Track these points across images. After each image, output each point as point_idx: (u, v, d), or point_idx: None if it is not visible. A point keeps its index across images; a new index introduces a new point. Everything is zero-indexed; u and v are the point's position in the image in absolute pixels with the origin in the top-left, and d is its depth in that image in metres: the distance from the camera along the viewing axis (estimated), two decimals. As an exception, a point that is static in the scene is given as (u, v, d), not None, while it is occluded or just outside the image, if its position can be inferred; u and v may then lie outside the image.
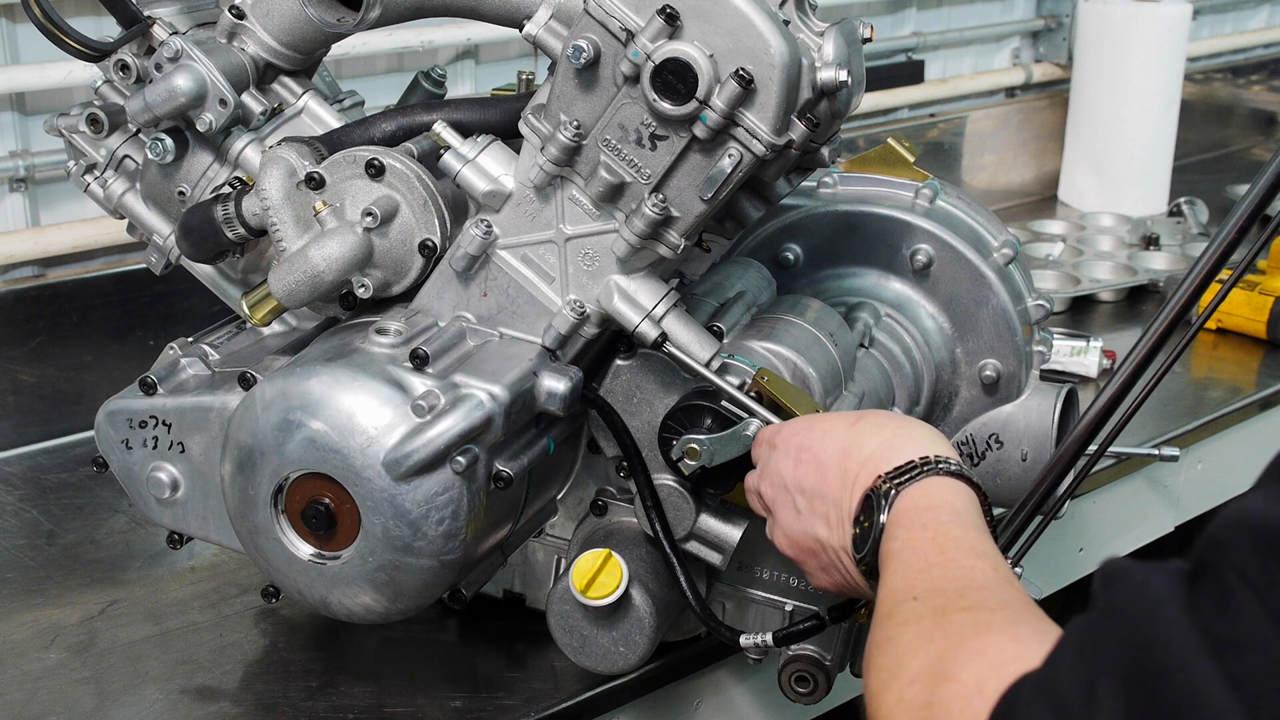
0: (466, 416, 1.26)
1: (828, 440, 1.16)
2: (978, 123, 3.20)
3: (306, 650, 1.52)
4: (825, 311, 1.51)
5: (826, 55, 1.29)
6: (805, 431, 1.19)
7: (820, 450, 1.16)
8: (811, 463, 1.16)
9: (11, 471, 1.94)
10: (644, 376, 1.38)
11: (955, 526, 1.00)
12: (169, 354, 1.48)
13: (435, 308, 1.37)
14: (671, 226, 1.28)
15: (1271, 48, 3.98)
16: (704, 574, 1.43)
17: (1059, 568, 2.06)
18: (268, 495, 1.32)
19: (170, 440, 1.43)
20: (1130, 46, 3.04)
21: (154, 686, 1.45)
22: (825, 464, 1.15)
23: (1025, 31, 3.40)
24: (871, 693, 0.88)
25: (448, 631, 1.56)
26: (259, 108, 1.45)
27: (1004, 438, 1.63)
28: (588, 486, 1.47)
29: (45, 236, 2.03)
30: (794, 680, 1.40)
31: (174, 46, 1.39)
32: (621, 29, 1.22)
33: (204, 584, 1.65)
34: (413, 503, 1.27)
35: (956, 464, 1.07)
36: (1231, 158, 3.76)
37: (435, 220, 1.35)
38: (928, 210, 1.66)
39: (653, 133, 1.24)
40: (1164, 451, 1.93)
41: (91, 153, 1.51)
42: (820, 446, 1.16)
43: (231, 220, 1.38)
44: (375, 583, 1.31)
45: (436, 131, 1.34)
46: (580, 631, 1.38)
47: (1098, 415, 1.24)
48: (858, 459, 1.12)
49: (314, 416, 1.28)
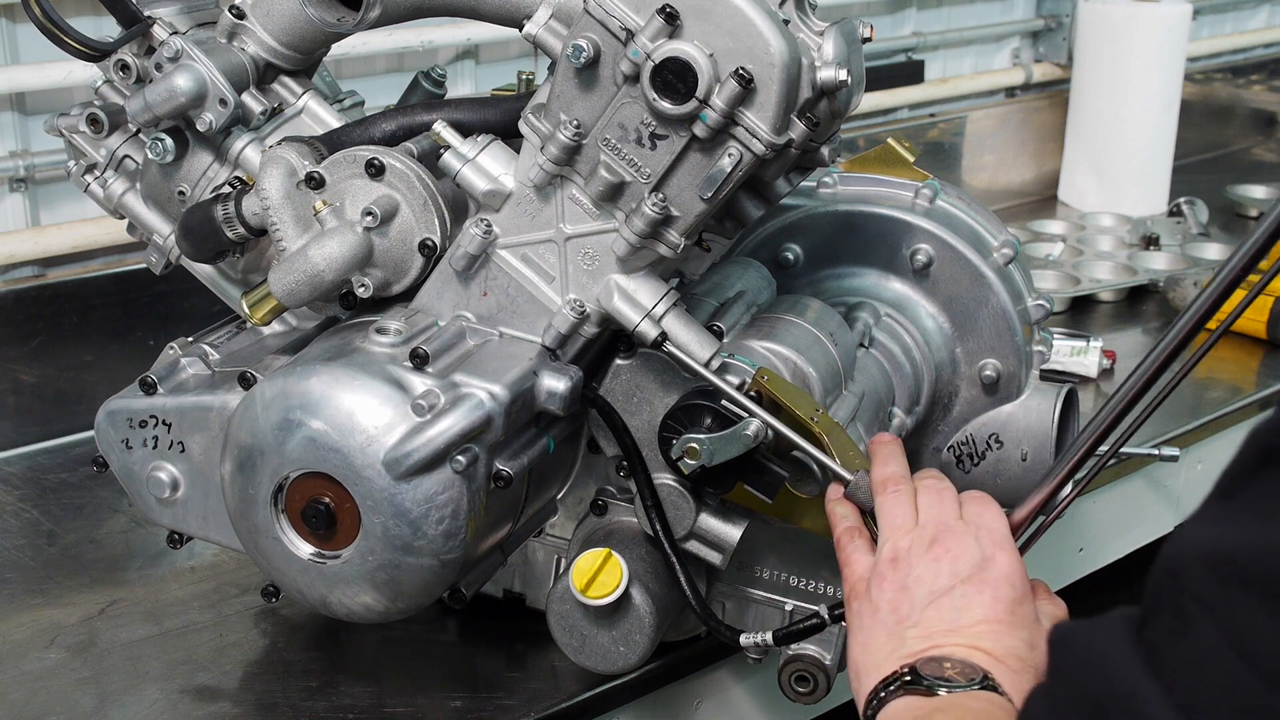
0: (466, 416, 1.26)
1: (937, 577, 1.10)
2: (978, 123, 3.20)
3: (306, 650, 1.52)
4: (825, 311, 1.51)
5: (826, 55, 1.29)
6: (959, 536, 1.13)
7: (934, 581, 1.09)
8: (930, 580, 1.10)
9: (11, 471, 1.94)
10: (644, 376, 1.38)
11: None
12: (169, 354, 1.48)
13: (435, 307, 1.37)
14: (671, 226, 1.28)
15: (1271, 48, 3.98)
16: (704, 574, 1.43)
17: (1059, 568, 2.06)
18: (268, 495, 1.32)
19: (170, 440, 1.43)
20: (1130, 46, 3.04)
21: (154, 686, 1.45)
22: (916, 598, 1.09)
23: (1025, 31, 3.40)
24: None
25: (448, 631, 1.56)
26: (259, 107, 1.45)
27: (1004, 438, 1.63)
28: (588, 486, 1.47)
29: (45, 236, 2.03)
30: (794, 680, 1.40)
31: (174, 46, 1.39)
32: (621, 28, 1.22)
33: (204, 584, 1.65)
34: (413, 502, 1.27)
35: (981, 671, 1.02)
36: (1231, 158, 3.76)
37: (435, 220, 1.35)
38: (928, 210, 1.66)
39: (653, 132, 1.24)
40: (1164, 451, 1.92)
41: (91, 153, 1.51)
42: (933, 578, 1.10)
43: (231, 220, 1.38)
44: (375, 582, 1.31)
45: (436, 131, 1.34)
46: (580, 631, 1.38)
47: (1113, 415, 1.22)
48: (920, 633, 1.08)
49: (314, 416, 1.28)
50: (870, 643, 1.09)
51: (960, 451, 1.65)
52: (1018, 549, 1.13)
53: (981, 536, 1.12)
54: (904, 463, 1.25)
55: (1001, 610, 1.06)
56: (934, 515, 1.15)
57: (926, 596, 1.08)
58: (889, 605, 1.10)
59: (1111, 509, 2.08)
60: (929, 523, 1.15)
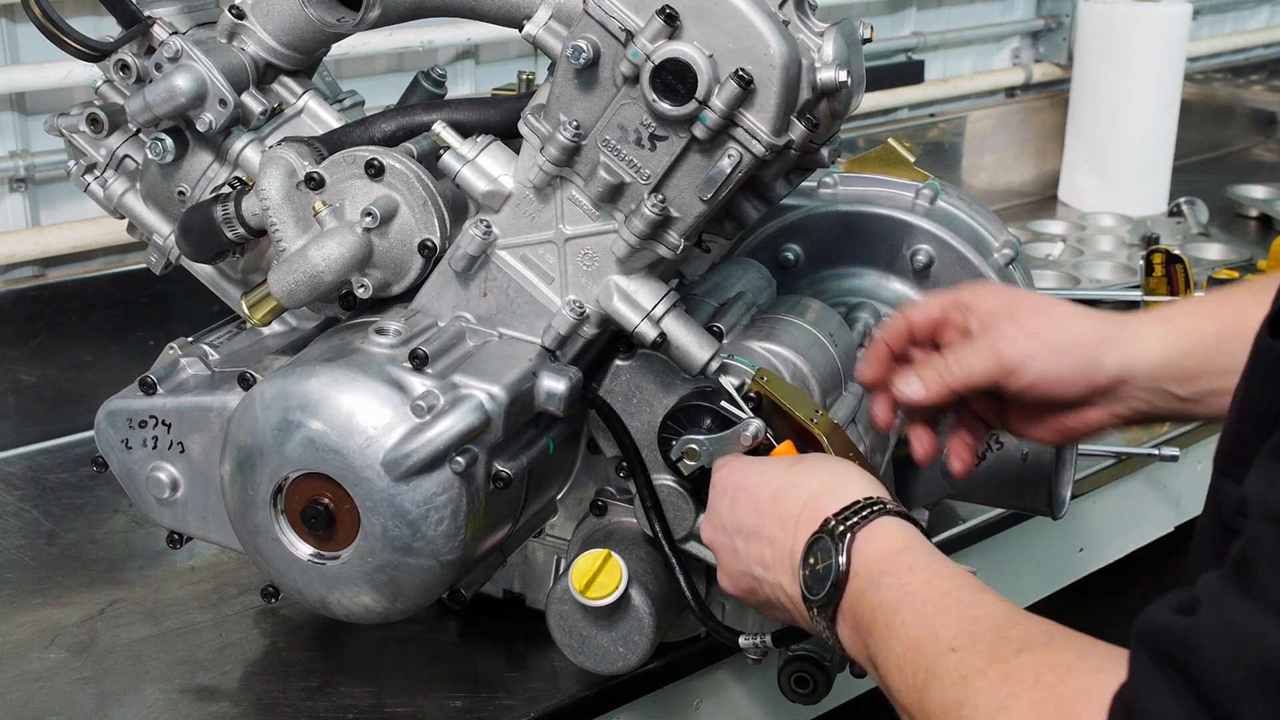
0: (466, 417, 1.26)
1: (764, 480, 1.17)
2: (978, 123, 3.20)
3: (306, 650, 1.52)
4: (825, 312, 1.51)
5: (826, 55, 1.29)
6: (743, 472, 1.20)
7: (756, 490, 1.17)
8: (748, 503, 1.17)
9: (11, 471, 1.94)
10: (644, 377, 1.38)
11: (939, 565, 1.00)
12: (169, 354, 1.48)
13: (435, 308, 1.37)
14: (671, 227, 1.28)
15: (1271, 48, 3.98)
16: (704, 574, 1.43)
17: (1059, 568, 2.06)
18: (267, 495, 1.32)
19: (170, 440, 1.43)
20: (1130, 46, 3.04)
21: (154, 686, 1.45)
22: (761, 504, 1.15)
23: (1025, 31, 3.40)
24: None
25: (448, 631, 1.56)
26: (259, 108, 1.45)
27: (1004, 438, 1.63)
28: (588, 486, 1.47)
29: (45, 236, 2.03)
30: (794, 680, 1.39)
31: (174, 46, 1.39)
32: (621, 29, 1.22)
33: (204, 584, 1.65)
34: (412, 503, 1.27)
35: (896, 505, 1.08)
36: (1231, 158, 3.76)
37: (435, 220, 1.35)
38: (928, 210, 1.66)
39: (652, 133, 1.24)
40: (1164, 451, 1.93)
41: (92, 153, 1.51)
42: (756, 486, 1.17)
43: (231, 220, 1.38)
44: (375, 583, 1.31)
45: (436, 131, 1.34)
46: (580, 631, 1.38)
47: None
48: (797, 499, 1.12)
49: (313, 416, 1.28)
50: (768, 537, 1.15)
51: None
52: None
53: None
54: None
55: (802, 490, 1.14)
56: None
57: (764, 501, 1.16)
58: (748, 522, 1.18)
59: (1111, 509, 2.08)
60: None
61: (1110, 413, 1.22)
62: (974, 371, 1.21)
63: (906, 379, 1.26)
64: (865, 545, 1.04)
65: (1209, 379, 1.18)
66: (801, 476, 1.14)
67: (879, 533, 1.04)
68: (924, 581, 0.98)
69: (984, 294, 1.25)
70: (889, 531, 1.04)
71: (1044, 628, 0.90)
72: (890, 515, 1.06)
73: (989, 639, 0.89)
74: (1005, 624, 0.90)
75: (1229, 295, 1.20)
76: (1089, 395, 1.20)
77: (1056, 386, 1.20)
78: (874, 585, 1.01)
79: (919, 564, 1.00)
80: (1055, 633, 0.89)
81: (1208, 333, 1.17)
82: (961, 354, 1.23)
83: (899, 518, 1.06)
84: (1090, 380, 1.19)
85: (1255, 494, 0.79)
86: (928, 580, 0.98)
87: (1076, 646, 0.86)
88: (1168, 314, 1.22)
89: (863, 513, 1.06)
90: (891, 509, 1.07)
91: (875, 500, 1.08)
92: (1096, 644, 0.86)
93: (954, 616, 0.93)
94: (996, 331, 1.21)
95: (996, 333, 1.21)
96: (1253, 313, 1.08)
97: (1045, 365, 1.19)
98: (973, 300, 1.25)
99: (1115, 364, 1.19)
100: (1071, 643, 0.87)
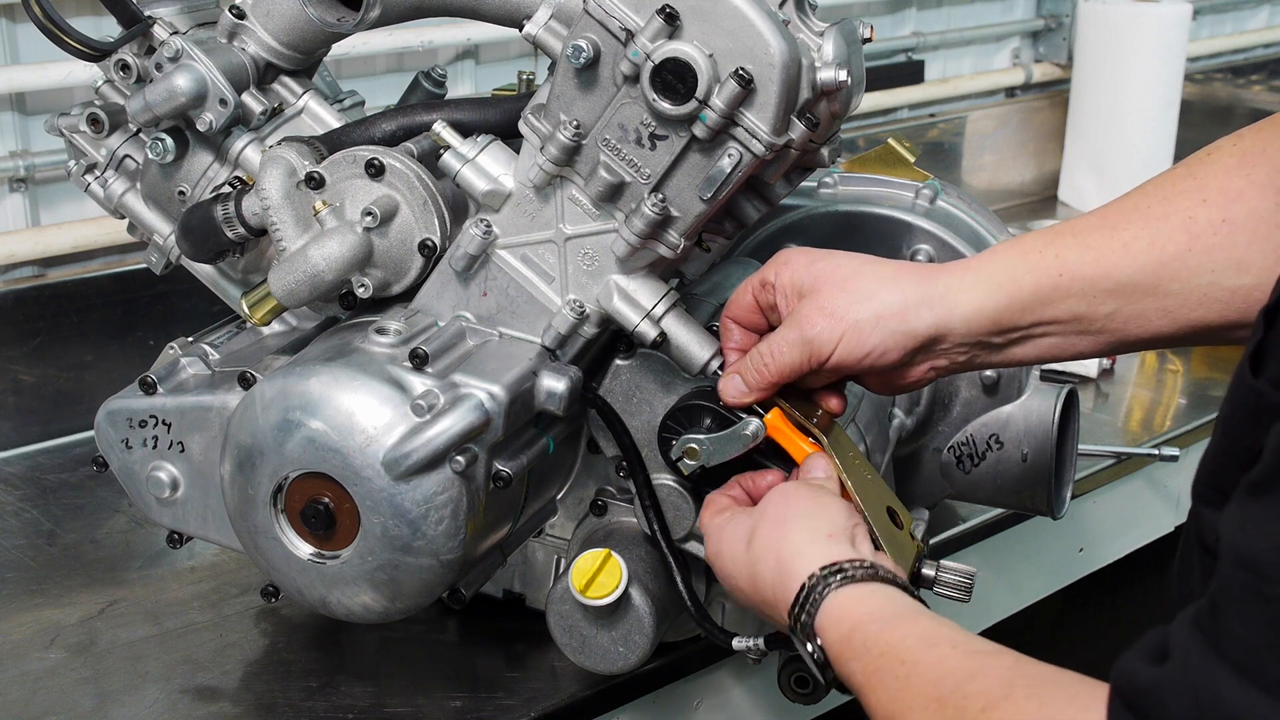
0: (466, 416, 1.26)
1: (734, 567, 1.18)
2: (978, 123, 3.20)
3: (306, 650, 1.52)
4: (825, 311, 1.51)
5: (826, 55, 1.29)
6: (715, 559, 1.22)
7: (735, 582, 1.18)
8: (732, 586, 1.19)
9: (11, 471, 1.94)
10: (644, 376, 1.38)
11: (888, 630, 1.01)
12: (169, 354, 1.48)
13: (435, 307, 1.37)
14: (671, 226, 1.28)
15: (1271, 48, 3.98)
16: (703, 574, 1.43)
17: (1059, 568, 2.06)
18: (267, 495, 1.32)
19: (170, 440, 1.43)
20: (1130, 46, 3.04)
21: (154, 686, 1.45)
22: (741, 585, 1.17)
23: (1025, 31, 3.40)
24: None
25: (448, 631, 1.56)
26: (259, 107, 1.45)
27: (1004, 438, 1.63)
28: (588, 486, 1.47)
29: (45, 236, 2.03)
30: (793, 681, 1.39)
31: (174, 46, 1.39)
32: (621, 29, 1.22)
33: (204, 584, 1.65)
34: (412, 502, 1.27)
35: (833, 564, 1.07)
36: (1231, 158, 3.75)
37: (435, 220, 1.35)
38: (928, 210, 1.66)
39: (652, 132, 1.24)
40: (1164, 451, 1.93)
41: (92, 152, 1.51)
42: (732, 577, 1.19)
43: (231, 220, 1.38)
44: (375, 582, 1.31)
45: (436, 131, 1.34)
46: (580, 631, 1.38)
47: None
48: (766, 588, 1.13)
49: (313, 416, 1.28)
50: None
51: (960, 452, 1.65)
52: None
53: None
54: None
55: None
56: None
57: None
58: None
59: (1111, 509, 2.08)
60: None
61: (930, 367, 1.23)
62: (786, 364, 1.22)
63: (730, 379, 1.27)
64: (825, 634, 1.05)
65: (1026, 328, 1.19)
66: (757, 563, 1.14)
67: (829, 620, 1.05)
68: (880, 654, 0.99)
69: (786, 268, 1.24)
70: (839, 616, 1.05)
71: (1003, 677, 0.91)
72: (833, 589, 1.06)
73: (954, 701, 0.91)
74: (965, 679, 0.92)
75: (1052, 237, 1.18)
76: (903, 358, 1.21)
77: (865, 360, 1.20)
78: (846, 667, 1.03)
79: (870, 641, 1.01)
80: (1015, 680, 0.90)
81: (1023, 285, 1.17)
82: (774, 345, 1.23)
83: (840, 581, 1.06)
84: (903, 346, 1.20)
85: (1227, 535, 0.80)
86: (883, 653, 0.99)
87: (1037, 695, 0.87)
88: (983, 265, 1.20)
89: (807, 603, 1.06)
90: (834, 579, 1.06)
91: (815, 578, 1.07)
92: (1056, 684, 0.88)
93: (916, 687, 0.95)
94: (800, 315, 1.22)
95: (801, 316, 1.21)
96: (1072, 258, 1.13)
97: (850, 345, 1.19)
98: (777, 277, 1.25)
99: (926, 327, 1.19)
100: (1031, 691, 0.88)
